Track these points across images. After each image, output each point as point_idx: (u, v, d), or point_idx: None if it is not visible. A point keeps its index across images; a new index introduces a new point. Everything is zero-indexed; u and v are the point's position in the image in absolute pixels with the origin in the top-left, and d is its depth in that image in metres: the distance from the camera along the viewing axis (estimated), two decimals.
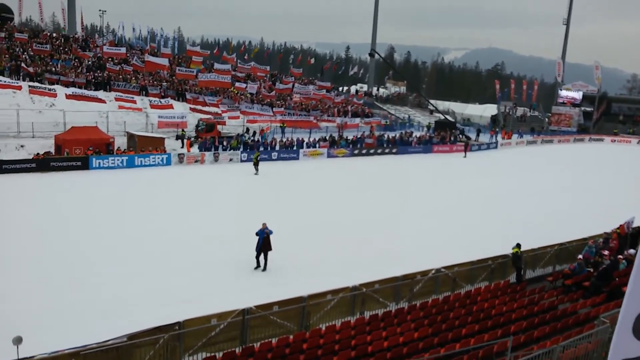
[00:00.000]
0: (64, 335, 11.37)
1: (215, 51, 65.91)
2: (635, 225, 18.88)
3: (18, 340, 8.82)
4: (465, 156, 45.94)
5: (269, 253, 16.83)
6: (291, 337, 11.69)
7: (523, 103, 73.02)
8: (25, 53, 44.18)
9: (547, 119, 70.10)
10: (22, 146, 32.96)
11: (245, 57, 73.09)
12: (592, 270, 15.29)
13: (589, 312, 12.87)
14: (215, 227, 21.09)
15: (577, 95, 66.99)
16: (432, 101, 70.75)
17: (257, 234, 16.68)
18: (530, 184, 34.06)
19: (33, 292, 14.46)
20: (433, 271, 15.08)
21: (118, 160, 32.29)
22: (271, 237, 16.76)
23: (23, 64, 40.71)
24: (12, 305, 13.54)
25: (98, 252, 17.74)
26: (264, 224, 16.73)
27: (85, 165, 31.06)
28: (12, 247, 17.86)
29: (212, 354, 10.89)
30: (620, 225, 18.56)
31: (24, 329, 9.09)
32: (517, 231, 20.43)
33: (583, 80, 69.29)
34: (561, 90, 68.69)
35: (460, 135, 53.62)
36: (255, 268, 16.88)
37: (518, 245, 15.88)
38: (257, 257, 16.87)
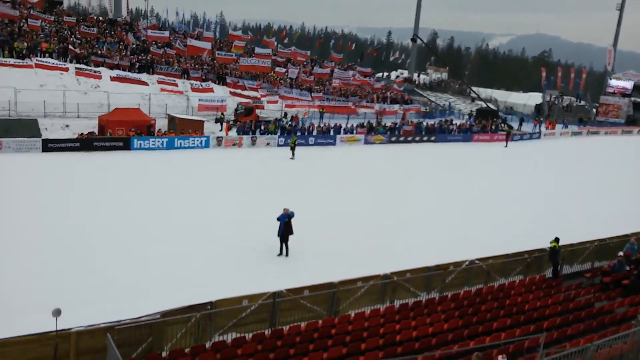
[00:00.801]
0: (93, 312, 11.64)
1: (256, 35, 66.19)
2: None
3: (57, 312, 9.20)
4: (506, 146, 44.86)
5: (290, 237, 16.79)
6: (320, 322, 11.79)
7: (570, 92, 70.43)
8: (73, 36, 45.47)
9: (594, 110, 67.51)
10: (67, 126, 34.13)
11: (286, 41, 73.09)
12: (633, 268, 14.77)
13: (626, 311, 12.48)
14: (246, 211, 21.20)
15: (628, 84, 64.14)
16: (474, 88, 69.17)
17: (278, 219, 16.62)
18: (571, 177, 33.04)
19: (64, 269, 14.86)
20: (467, 262, 14.88)
21: (158, 141, 33.03)
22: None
23: (70, 46, 41.93)
24: (47, 280, 14.05)
25: (130, 231, 18.16)
26: (285, 209, 16.70)
27: (126, 145, 31.90)
28: (46, 222, 18.62)
29: (242, 335, 11.10)
30: None
31: (58, 304, 9.44)
32: (555, 224, 19.87)
33: (635, 70, 66.27)
34: (611, 79, 65.93)
35: (502, 124, 52.33)
36: (279, 254, 16.92)
37: (556, 240, 15.46)
38: (281, 243, 16.88)
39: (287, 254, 16.94)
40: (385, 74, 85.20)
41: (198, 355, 9.84)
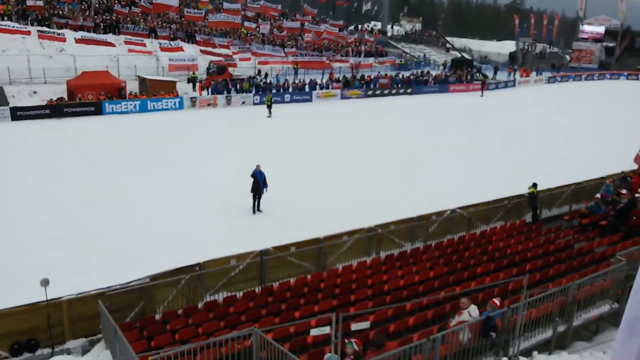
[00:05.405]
0: (82, 282, 11.31)
1: None
2: None
3: (45, 282, 9.12)
4: (482, 95, 45.02)
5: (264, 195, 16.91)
6: (309, 276, 11.93)
7: (543, 39, 70.52)
8: None
9: (567, 56, 67.89)
10: (35, 92, 32.95)
11: None
12: (610, 209, 15.17)
13: (605, 250, 12.87)
14: (224, 173, 20.83)
15: (600, 29, 64.47)
16: (448, 38, 68.71)
17: (252, 175, 16.64)
18: (547, 123, 33.45)
19: (49, 239, 14.59)
20: (448, 212, 15.10)
21: (131, 105, 32.19)
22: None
23: (30, 2, 39.79)
24: (30, 253, 13.71)
25: (107, 200, 17.80)
26: (258, 165, 16.69)
27: (98, 110, 31.03)
28: (28, 193, 18.13)
29: (233, 293, 11.19)
30: (637, 156, 18.23)
31: (41, 275, 9.31)
32: (534, 170, 20.24)
33: (606, 14, 66.42)
34: (583, 25, 66.08)
35: (477, 74, 52.36)
36: (254, 213, 16.95)
37: (534, 185, 15.78)
38: (255, 200, 16.94)
39: (260, 210, 17.00)
40: (359, 25, 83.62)
41: (191, 316, 9.91)
